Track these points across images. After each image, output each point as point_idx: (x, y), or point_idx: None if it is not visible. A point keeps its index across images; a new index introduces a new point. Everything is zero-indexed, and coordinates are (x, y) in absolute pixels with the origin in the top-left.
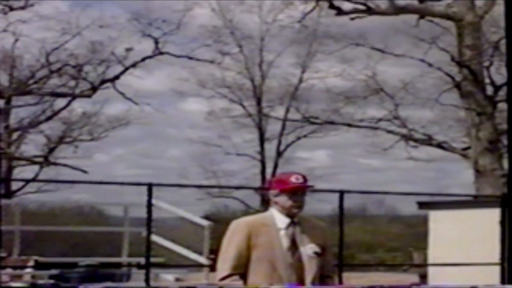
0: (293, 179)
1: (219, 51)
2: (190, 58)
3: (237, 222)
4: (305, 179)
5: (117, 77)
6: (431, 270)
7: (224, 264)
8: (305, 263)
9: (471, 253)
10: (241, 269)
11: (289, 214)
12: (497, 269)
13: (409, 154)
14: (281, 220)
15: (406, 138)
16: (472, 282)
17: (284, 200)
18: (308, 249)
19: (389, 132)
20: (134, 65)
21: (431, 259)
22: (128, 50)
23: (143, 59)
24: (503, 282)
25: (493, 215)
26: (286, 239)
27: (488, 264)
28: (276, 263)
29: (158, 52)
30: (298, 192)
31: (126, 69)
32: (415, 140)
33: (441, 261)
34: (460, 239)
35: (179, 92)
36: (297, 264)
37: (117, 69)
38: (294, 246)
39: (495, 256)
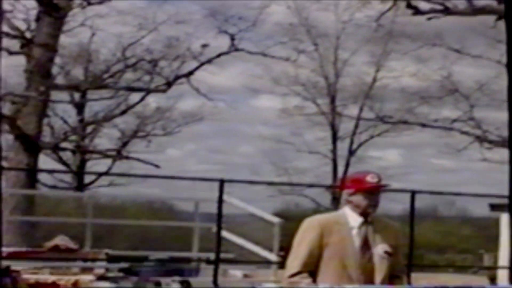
0: (369, 178)
1: (294, 48)
2: (265, 55)
3: (310, 220)
4: (380, 179)
5: (191, 73)
6: (500, 273)
7: (295, 261)
8: (376, 263)
9: None
10: (311, 267)
11: (363, 214)
12: None
13: (482, 155)
14: (354, 219)
15: (480, 139)
16: None
17: (359, 199)
18: (379, 249)
19: (463, 133)
20: (209, 61)
21: (501, 262)
22: (204, 46)
23: (219, 55)
24: None
25: None
26: (359, 238)
27: None
28: (346, 262)
29: (233, 48)
30: (373, 192)
31: (201, 64)
32: (489, 142)
33: None
34: None
35: (253, 89)
36: (368, 264)
37: (192, 64)
38: (366, 245)
39: None
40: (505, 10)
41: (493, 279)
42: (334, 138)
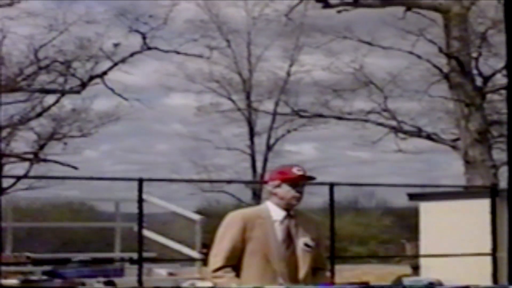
0: (295, 170)
1: (206, 45)
2: (178, 53)
3: (232, 214)
4: (305, 171)
5: (105, 73)
6: (423, 262)
7: (217, 256)
8: (299, 256)
9: (463, 243)
10: (234, 261)
11: (287, 206)
12: (488, 260)
13: (398, 146)
14: (277, 213)
15: (395, 130)
16: (464, 272)
17: (285, 191)
18: (301, 242)
19: (378, 124)
20: (122, 60)
21: (423, 251)
22: (116, 45)
23: (132, 54)
24: (494, 272)
25: (483, 205)
26: (281, 232)
27: (480, 255)
28: (270, 256)
29: (146, 47)
30: (299, 183)
31: (115, 64)
32: (404, 132)
33: (433, 252)
34: (451, 230)
35: (167, 87)
36: (291, 257)
37: (105, 64)
38: (289, 239)
39: (487, 247)
40: (505, 10)
41: (415, 268)
42: (251, 133)
